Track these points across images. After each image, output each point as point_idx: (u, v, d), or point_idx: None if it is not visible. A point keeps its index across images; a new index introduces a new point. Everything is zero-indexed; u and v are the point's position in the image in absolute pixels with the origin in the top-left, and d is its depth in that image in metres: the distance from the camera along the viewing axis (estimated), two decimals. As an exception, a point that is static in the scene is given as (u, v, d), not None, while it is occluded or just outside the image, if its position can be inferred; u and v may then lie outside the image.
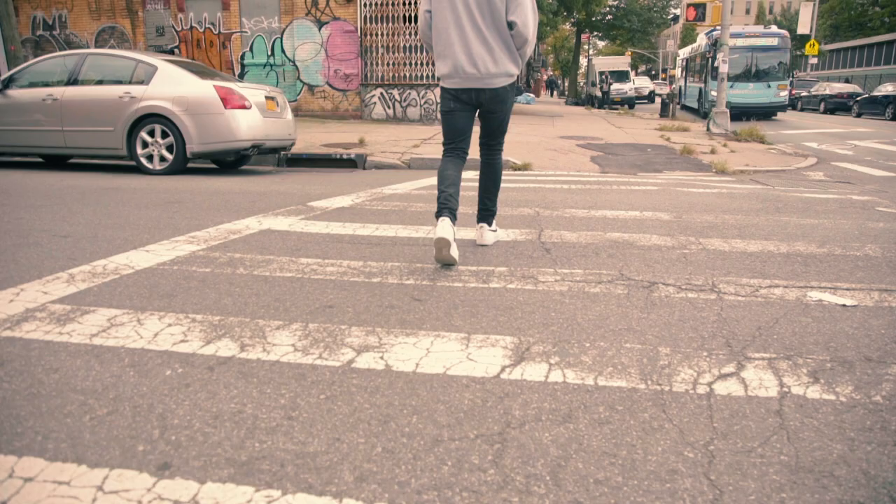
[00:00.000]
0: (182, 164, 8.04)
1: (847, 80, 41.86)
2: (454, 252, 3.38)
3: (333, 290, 3.03)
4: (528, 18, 3.50)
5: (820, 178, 9.42)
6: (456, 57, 3.52)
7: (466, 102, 3.62)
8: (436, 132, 13.17)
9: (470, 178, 5.77)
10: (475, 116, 3.75)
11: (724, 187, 7.41)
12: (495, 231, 4.07)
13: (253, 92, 8.32)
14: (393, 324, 2.58)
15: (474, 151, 3.89)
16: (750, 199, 6.27)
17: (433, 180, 7.51)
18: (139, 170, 8.11)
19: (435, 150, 10.36)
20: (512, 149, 10.44)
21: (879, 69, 47.22)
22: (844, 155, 12.83)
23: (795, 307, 2.84)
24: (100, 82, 8.36)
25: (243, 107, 7.99)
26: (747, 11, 79.47)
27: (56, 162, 9.65)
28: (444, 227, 3.33)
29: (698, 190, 6.98)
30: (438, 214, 3.42)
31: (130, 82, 8.18)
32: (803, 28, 36.89)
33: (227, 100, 7.89)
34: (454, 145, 3.71)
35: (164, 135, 7.97)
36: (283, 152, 9.56)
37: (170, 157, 7.99)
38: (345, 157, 9.77)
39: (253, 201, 5.63)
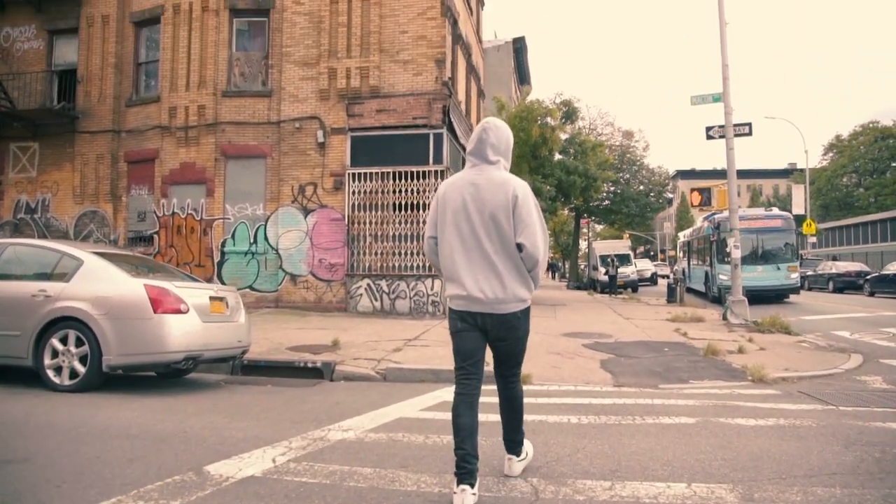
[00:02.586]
0: (97, 380, 6.48)
1: (834, 258, 41.63)
2: None
3: None
4: (536, 239, 3.36)
5: (881, 385, 7.75)
6: (462, 282, 3.37)
7: (471, 324, 3.43)
8: (423, 331, 11.74)
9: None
10: (486, 341, 3.50)
11: (778, 412, 5.76)
12: (524, 458, 3.83)
13: (194, 292, 6.97)
14: None
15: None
16: (827, 442, 4.59)
17: (404, 409, 5.88)
18: (47, 384, 6.53)
19: (417, 356, 8.83)
20: (508, 351, 8.90)
21: (879, 246, 47.19)
22: (889, 348, 11.24)
23: None
24: (16, 277, 7.06)
25: (178, 311, 6.58)
26: (738, 194, 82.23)
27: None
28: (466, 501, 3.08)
29: (749, 422, 5.32)
30: (458, 482, 3.20)
31: (50, 278, 6.89)
32: (797, 208, 37.26)
33: (159, 302, 6.51)
34: (465, 370, 3.49)
35: (80, 343, 6.51)
36: (234, 360, 8.02)
37: (82, 370, 6.46)
38: (309, 365, 8.22)
39: (131, 460, 3.98)
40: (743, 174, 79.18)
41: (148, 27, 17.21)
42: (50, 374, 6.54)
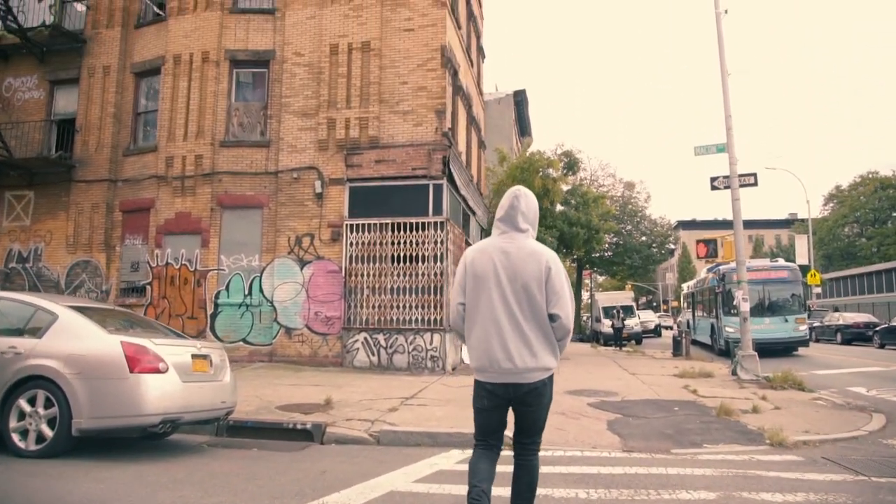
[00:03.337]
0: (65, 445, 6.01)
1: (836, 309, 41.10)
2: None
3: None
4: (569, 310, 3.40)
5: (910, 452, 7.24)
6: (491, 350, 3.37)
7: (501, 397, 3.44)
8: (421, 388, 11.23)
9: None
10: (508, 411, 3.51)
11: (807, 485, 5.27)
12: None
13: (175, 349, 6.55)
14: None
15: None
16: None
17: (396, 481, 5.39)
18: (10, 449, 6.05)
19: (413, 417, 8.34)
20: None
21: (885, 297, 46.50)
22: (910, 408, 10.69)
23: None
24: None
25: (156, 370, 6.16)
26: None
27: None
28: None
29: (776, 498, 4.84)
30: None
31: (22, 333, 6.50)
32: (801, 259, 36.97)
33: (136, 360, 6.09)
34: (486, 443, 3.51)
35: (49, 404, 6.06)
36: (218, 422, 7.53)
37: (50, 433, 6.00)
38: (298, 427, 7.72)
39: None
40: (744, 225, 79.09)
41: (148, 77, 17.20)
42: (15, 437, 6.07)
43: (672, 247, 45.24)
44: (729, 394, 11.44)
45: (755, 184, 14.26)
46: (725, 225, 74.19)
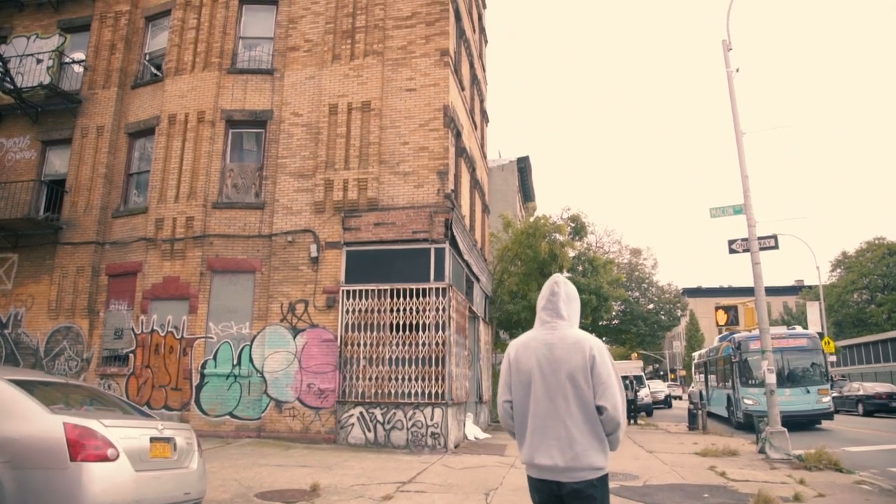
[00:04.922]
0: (-13, 554, 4.99)
1: (843, 377, 39.72)
2: None
3: None
4: (617, 401, 3.20)
5: None
6: (536, 447, 3.30)
7: (546, 494, 3.30)
8: (420, 470, 10.12)
9: None
10: None
11: None
12: None
13: (130, 431, 5.59)
14: None
15: None
16: None
17: None
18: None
19: (409, 508, 7.27)
20: None
21: (904, 365, 45.06)
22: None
23: None
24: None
25: (103, 457, 5.19)
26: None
27: None
28: None
29: None
30: None
31: (-44, 417, 5.54)
32: (813, 326, 35.78)
33: (80, 446, 5.13)
34: None
35: (-28, 501, 5.08)
36: (182, 515, 6.48)
37: (-33, 535, 5.00)
38: (275, 520, 6.68)
39: None
40: (749, 292, 78.08)
41: (142, 138, 16.75)
42: (-74, 543, 5.07)
43: (680, 314, 44.05)
44: (761, 476, 10.34)
45: (776, 246, 13.46)
46: (731, 292, 73.07)
